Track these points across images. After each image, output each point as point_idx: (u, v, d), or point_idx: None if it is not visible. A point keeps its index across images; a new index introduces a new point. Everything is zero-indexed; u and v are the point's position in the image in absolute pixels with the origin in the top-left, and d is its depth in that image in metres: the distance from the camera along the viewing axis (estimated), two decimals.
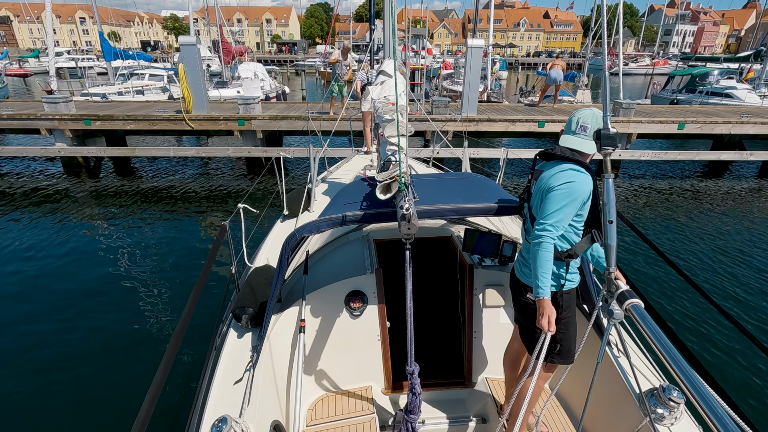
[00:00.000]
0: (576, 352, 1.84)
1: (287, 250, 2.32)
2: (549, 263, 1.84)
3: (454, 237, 3.14)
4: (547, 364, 2.14)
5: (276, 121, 10.26)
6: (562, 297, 2.01)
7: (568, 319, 2.06)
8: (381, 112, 3.32)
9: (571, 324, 2.08)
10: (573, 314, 2.08)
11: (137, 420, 1.51)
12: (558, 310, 1.98)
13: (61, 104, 10.01)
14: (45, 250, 6.71)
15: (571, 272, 2.01)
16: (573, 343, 2.09)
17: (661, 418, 1.85)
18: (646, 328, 1.58)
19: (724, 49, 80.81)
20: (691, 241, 7.41)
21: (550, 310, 1.83)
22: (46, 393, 4.04)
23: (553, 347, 2.05)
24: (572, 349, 2.10)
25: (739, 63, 21.47)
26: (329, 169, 5.89)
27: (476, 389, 2.77)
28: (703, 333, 4.96)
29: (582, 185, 1.84)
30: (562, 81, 12.04)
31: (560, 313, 2.01)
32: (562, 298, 2.01)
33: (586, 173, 1.87)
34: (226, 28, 19.91)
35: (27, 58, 35.54)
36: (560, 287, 2.00)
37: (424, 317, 3.37)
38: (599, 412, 2.23)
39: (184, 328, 1.97)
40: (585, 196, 1.86)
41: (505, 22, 78.13)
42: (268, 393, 2.16)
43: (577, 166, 1.88)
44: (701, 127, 10.69)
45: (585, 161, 1.91)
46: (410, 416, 1.89)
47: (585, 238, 1.97)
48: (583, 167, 1.88)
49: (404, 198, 2.04)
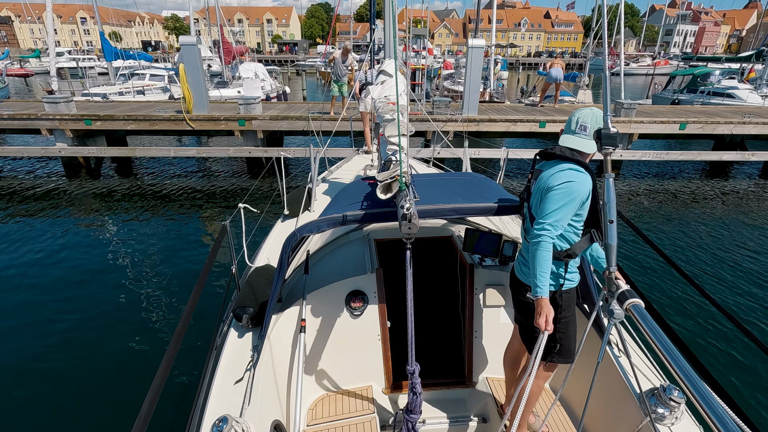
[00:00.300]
0: (576, 351, 1.83)
1: (287, 249, 2.31)
2: (548, 263, 1.84)
3: (454, 237, 3.14)
4: (547, 364, 2.14)
5: (276, 122, 10.26)
6: (561, 296, 2.01)
7: (568, 318, 2.05)
8: (381, 111, 3.32)
9: (570, 323, 2.07)
10: (573, 314, 2.07)
11: (138, 419, 1.51)
12: (557, 310, 1.99)
13: (61, 104, 10.01)
14: (45, 251, 6.71)
15: (571, 272, 2.01)
16: (573, 342, 2.09)
17: (662, 417, 1.84)
18: (647, 328, 1.57)
19: (725, 49, 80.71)
20: (692, 240, 7.39)
21: (548, 310, 1.84)
22: (47, 392, 4.04)
23: (553, 347, 2.06)
24: (572, 348, 2.09)
25: (741, 63, 21.42)
26: (330, 169, 5.88)
27: (477, 389, 2.77)
28: (704, 333, 4.95)
29: (581, 185, 1.85)
30: (563, 80, 12.02)
31: (560, 312, 2.01)
32: (561, 298, 2.01)
33: (586, 173, 1.87)
34: (227, 28, 19.92)
35: (28, 58, 35.53)
36: (559, 287, 2.01)
37: (424, 317, 3.36)
38: (600, 412, 2.22)
39: (184, 327, 1.97)
40: (584, 195, 1.86)
41: (506, 22, 78.07)
42: (269, 393, 2.15)
43: (577, 165, 1.88)
44: (703, 128, 10.66)
45: (585, 161, 1.91)
46: (411, 416, 1.89)
47: (584, 237, 1.96)
48: (583, 167, 1.88)
49: (405, 198, 2.04)
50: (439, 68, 22.54)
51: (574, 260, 2.01)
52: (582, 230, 1.97)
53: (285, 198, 4.46)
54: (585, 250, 2.01)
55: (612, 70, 19.73)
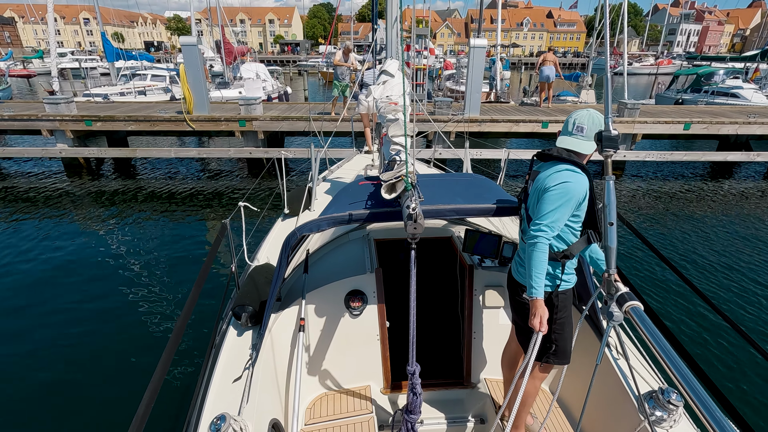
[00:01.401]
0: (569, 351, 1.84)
1: (287, 248, 2.31)
2: (543, 264, 1.84)
3: (454, 237, 3.13)
4: (543, 365, 2.14)
5: (277, 122, 10.22)
6: (557, 297, 2.01)
7: (564, 319, 2.05)
8: (383, 112, 3.31)
9: (566, 324, 2.06)
10: (569, 315, 2.07)
11: (136, 417, 1.50)
12: (553, 311, 2.00)
13: (62, 105, 10.00)
14: (46, 251, 6.70)
15: (567, 273, 2.00)
16: (569, 343, 2.08)
17: (660, 420, 1.84)
18: (646, 331, 1.57)
19: (729, 49, 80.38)
20: (693, 242, 7.31)
21: (543, 310, 1.84)
22: (46, 390, 4.05)
23: (548, 347, 2.07)
24: (568, 349, 2.09)
25: (745, 63, 21.23)
26: (330, 169, 5.90)
27: (475, 390, 2.77)
28: (703, 336, 4.90)
29: (577, 185, 1.84)
30: (553, 78, 11.85)
31: (555, 313, 2.01)
32: (557, 299, 2.01)
33: (582, 173, 1.86)
34: (229, 29, 19.91)
35: (31, 58, 35.70)
36: (555, 287, 2.01)
37: (424, 317, 3.36)
38: (598, 414, 2.22)
39: (184, 325, 1.97)
40: (580, 196, 1.86)
41: (509, 22, 77.86)
42: (267, 391, 2.16)
43: (573, 166, 1.87)
44: (707, 128, 10.56)
45: (582, 162, 1.90)
46: (410, 416, 1.89)
47: (582, 238, 1.96)
48: (579, 168, 1.87)
49: (410, 198, 2.03)
50: (439, 68, 22.43)
51: (571, 261, 1.99)
52: (580, 231, 1.96)
53: (285, 197, 4.47)
54: (582, 251, 2.00)
55: (615, 70, 19.64)
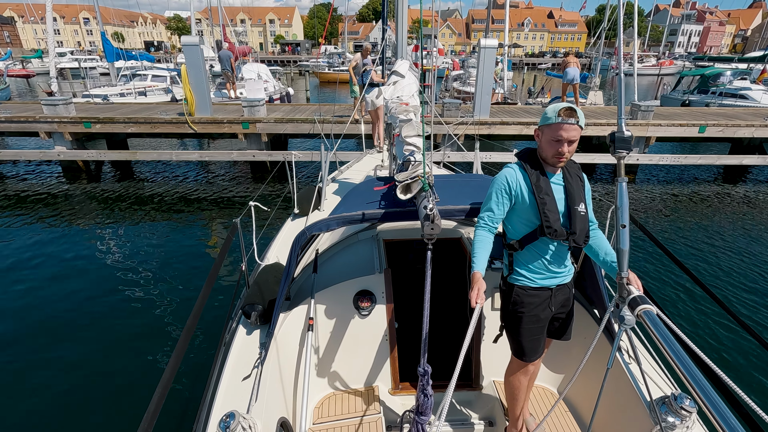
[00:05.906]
0: (585, 356, 1.73)
1: (297, 248, 2.33)
2: (481, 245, 1.99)
3: (464, 239, 3.14)
4: (512, 357, 2.21)
5: (282, 124, 9.96)
6: (512, 290, 2.06)
7: (521, 315, 2.06)
8: (395, 112, 3.28)
9: (524, 322, 2.06)
10: (529, 314, 2.05)
11: (147, 413, 1.51)
12: (506, 300, 2.10)
13: (60, 106, 9.72)
14: (48, 253, 6.55)
15: (522, 267, 2.02)
16: (527, 343, 2.09)
17: (672, 427, 1.79)
18: (658, 335, 1.53)
19: (730, 49, 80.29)
20: (707, 245, 7.11)
21: (480, 284, 1.90)
22: (56, 389, 4.04)
23: (510, 340, 2.16)
24: (523, 348, 2.10)
25: (748, 63, 20.99)
26: (340, 169, 5.92)
27: (484, 392, 2.75)
28: (718, 341, 4.78)
29: (500, 176, 1.98)
30: (579, 80, 11.67)
31: (509, 305, 2.08)
32: (513, 292, 2.06)
33: (512, 166, 1.96)
34: (230, 29, 19.66)
35: (30, 58, 35.43)
36: (507, 276, 2.10)
37: (432, 318, 3.34)
38: (608, 419, 2.20)
39: (194, 324, 1.98)
40: (503, 186, 1.95)
41: (510, 22, 77.94)
42: (276, 390, 2.18)
43: (518, 161, 1.98)
44: (723, 131, 10.32)
45: (540, 154, 1.94)
46: (421, 417, 1.88)
47: (529, 233, 1.97)
48: (523, 161, 1.95)
49: (427, 198, 2.07)
50: (446, 68, 22.14)
51: (523, 254, 2.01)
52: (526, 225, 1.98)
53: (295, 197, 4.49)
54: (531, 245, 2.00)
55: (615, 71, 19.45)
